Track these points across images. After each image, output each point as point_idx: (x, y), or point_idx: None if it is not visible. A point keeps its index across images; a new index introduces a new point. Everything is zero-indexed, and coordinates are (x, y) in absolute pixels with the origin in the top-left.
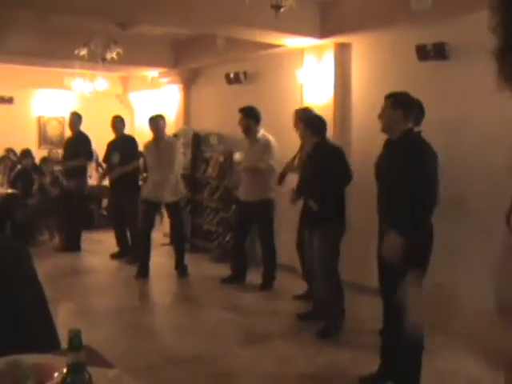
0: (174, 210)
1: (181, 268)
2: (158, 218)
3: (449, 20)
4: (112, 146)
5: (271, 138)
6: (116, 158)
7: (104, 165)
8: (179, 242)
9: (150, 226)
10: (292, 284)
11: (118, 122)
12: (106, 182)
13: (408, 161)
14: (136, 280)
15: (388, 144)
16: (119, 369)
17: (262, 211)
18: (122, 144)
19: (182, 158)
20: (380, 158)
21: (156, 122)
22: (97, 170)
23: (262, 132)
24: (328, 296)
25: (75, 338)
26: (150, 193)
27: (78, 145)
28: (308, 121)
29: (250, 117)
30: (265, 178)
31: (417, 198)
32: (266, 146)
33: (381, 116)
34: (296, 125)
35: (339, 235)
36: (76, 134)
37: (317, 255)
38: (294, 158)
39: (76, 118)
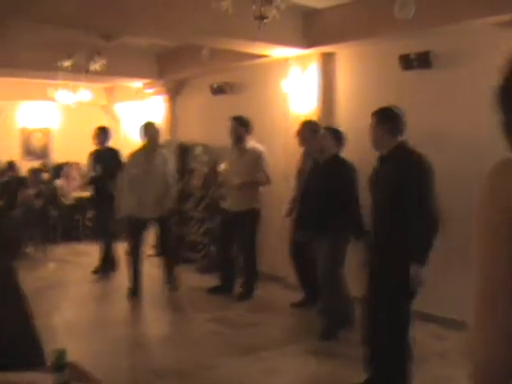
0: (163, 224)
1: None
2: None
3: (432, 29)
4: (95, 158)
5: (262, 149)
6: (98, 170)
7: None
8: (171, 256)
9: (141, 242)
10: (276, 294)
11: (100, 134)
12: (88, 194)
13: (404, 179)
14: (128, 300)
15: (380, 160)
16: None
17: (248, 221)
18: (106, 156)
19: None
20: (373, 174)
21: (149, 130)
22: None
23: (251, 142)
24: (330, 302)
25: (59, 358)
26: (134, 208)
27: None
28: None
29: (243, 125)
30: (255, 188)
31: (423, 220)
32: (260, 157)
33: (370, 133)
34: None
35: (345, 245)
36: None
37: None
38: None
39: None
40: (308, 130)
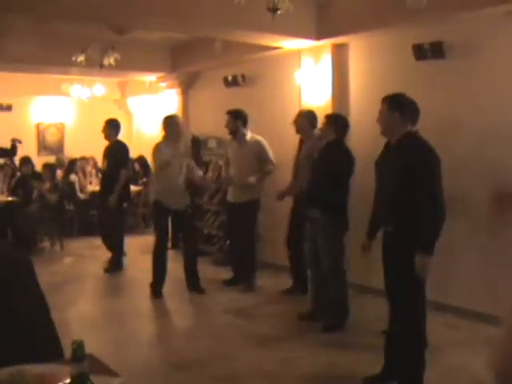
0: (186, 217)
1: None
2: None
3: (445, 19)
4: (104, 152)
5: (261, 138)
6: (103, 164)
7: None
8: (193, 253)
9: (168, 236)
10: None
11: (107, 128)
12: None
13: (412, 167)
14: (152, 299)
15: (388, 146)
16: (124, 377)
17: (248, 211)
18: (112, 150)
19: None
20: (380, 159)
21: (170, 122)
22: (96, 176)
23: (250, 134)
24: (334, 294)
25: (78, 349)
26: (164, 197)
27: None
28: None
29: (238, 118)
30: (265, 179)
31: (429, 208)
32: (261, 147)
33: (379, 119)
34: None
35: (342, 233)
36: None
37: (322, 255)
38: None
39: None
40: (305, 118)
